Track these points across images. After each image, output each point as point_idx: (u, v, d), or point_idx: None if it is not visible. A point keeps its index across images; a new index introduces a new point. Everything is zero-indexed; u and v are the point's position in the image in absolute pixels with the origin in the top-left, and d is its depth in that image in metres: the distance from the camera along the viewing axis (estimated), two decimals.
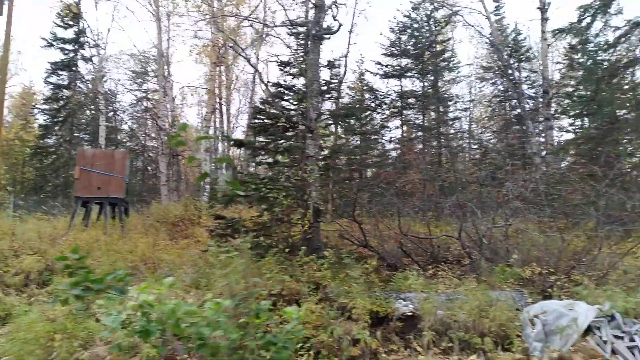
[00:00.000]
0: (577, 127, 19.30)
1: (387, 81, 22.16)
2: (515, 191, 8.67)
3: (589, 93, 15.39)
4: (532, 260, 9.94)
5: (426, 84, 21.34)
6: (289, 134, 9.50)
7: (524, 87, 21.68)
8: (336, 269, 7.48)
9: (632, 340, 6.15)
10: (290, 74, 11.23)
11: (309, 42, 8.63)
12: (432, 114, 22.41)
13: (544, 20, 18.55)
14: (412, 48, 20.94)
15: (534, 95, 21.88)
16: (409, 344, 6.26)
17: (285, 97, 9.21)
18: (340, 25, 8.91)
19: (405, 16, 21.17)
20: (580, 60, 18.61)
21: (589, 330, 6.38)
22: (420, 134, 21.60)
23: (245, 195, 8.76)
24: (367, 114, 22.60)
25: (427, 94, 20.58)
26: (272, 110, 8.85)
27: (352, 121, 23.59)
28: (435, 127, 21.19)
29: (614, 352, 5.97)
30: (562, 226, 11.22)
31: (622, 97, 13.90)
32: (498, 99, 23.93)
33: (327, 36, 9.07)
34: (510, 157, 18.20)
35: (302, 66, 10.29)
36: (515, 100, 20.28)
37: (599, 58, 14.97)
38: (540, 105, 18.93)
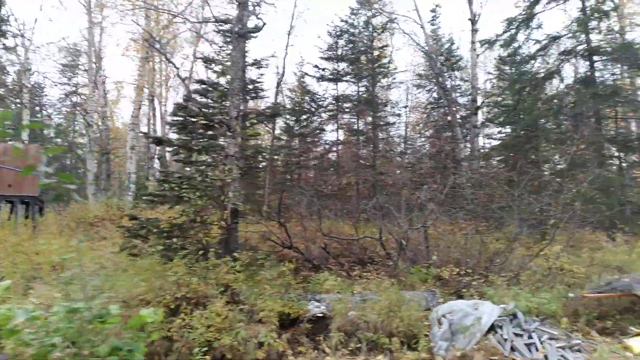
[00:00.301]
0: (504, 135, 20.15)
1: (327, 84, 22.29)
2: (428, 194, 8.88)
3: (512, 102, 16.15)
4: (451, 261, 10.26)
5: (362, 88, 21.62)
6: (212, 132, 9.25)
7: (456, 95, 22.43)
8: (252, 271, 7.34)
9: (530, 337, 6.41)
10: (216, 72, 10.97)
11: (233, 40, 8.46)
12: (369, 118, 22.69)
13: (474, 31, 19.30)
14: (349, 52, 21.15)
15: (465, 103, 22.66)
16: (318, 346, 6.23)
17: (209, 95, 8.97)
18: (264, 24, 8.80)
19: (342, 21, 21.37)
20: (509, 71, 19.54)
21: (492, 329, 6.61)
22: (356, 138, 21.83)
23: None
24: (306, 116, 22.63)
25: (362, 99, 20.84)
26: (194, 108, 8.58)
27: (291, 123, 23.56)
28: (370, 132, 21.49)
29: (513, 349, 6.21)
30: (483, 229, 11.66)
31: (541, 107, 14.67)
32: (432, 106, 24.63)
33: (253, 34, 8.94)
34: (438, 161, 18.82)
35: (227, 64, 10.08)
36: (446, 108, 20.93)
37: (522, 69, 15.75)
38: (468, 113, 19.67)
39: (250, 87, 13.57)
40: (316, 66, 20.94)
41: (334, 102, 21.17)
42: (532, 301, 7.39)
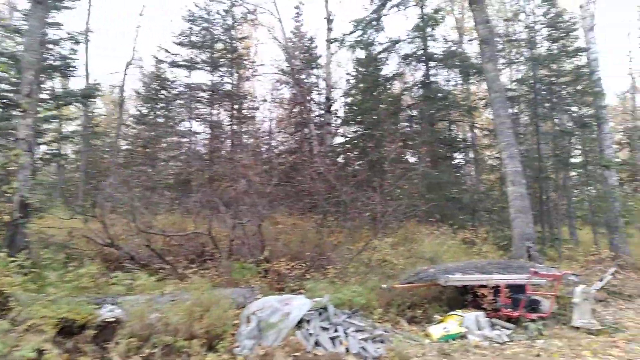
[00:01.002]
0: (357, 133, 20.81)
1: (181, 72, 21.05)
2: (247, 187, 8.66)
3: (358, 101, 16.80)
4: (285, 255, 10.19)
5: (220, 79, 20.85)
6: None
7: (314, 93, 22.70)
8: (38, 273, 6.41)
9: (336, 330, 6.44)
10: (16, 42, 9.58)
11: (30, 6, 7.32)
12: (230, 110, 22.01)
13: (329, 29, 19.75)
14: (204, 40, 20.22)
15: (323, 101, 23.02)
16: (105, 354, 5.57)
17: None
18: None
19: (197, 6, 20.36)
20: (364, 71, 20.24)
21: (301, 324, 6.52)
22: (212, 129, 20.97)
23: None
24: (161, 104, 21.31)
25: (218, 89, 20.09)
26: None
27: (143, 110, 22.11)
28: (228, 124, 20.88)
29: (317, 343, 6.17)
30: (323, 223, 11.82)
31: (382, 108, 15.39)
32: (293, 102, 24.71)
33: (62, 4, 7.84)
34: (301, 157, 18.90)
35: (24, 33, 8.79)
36: (304, 104, 21.06)
37: (368, 70, 16.43)
38: (324, 111, 20.07)
39: (61, 63, 12.00)
40: (167, 50, 19.65)
41: (187, 90, 20.08)
42: (345, 294, 7.52)
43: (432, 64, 15.93)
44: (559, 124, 16.69)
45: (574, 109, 16.65)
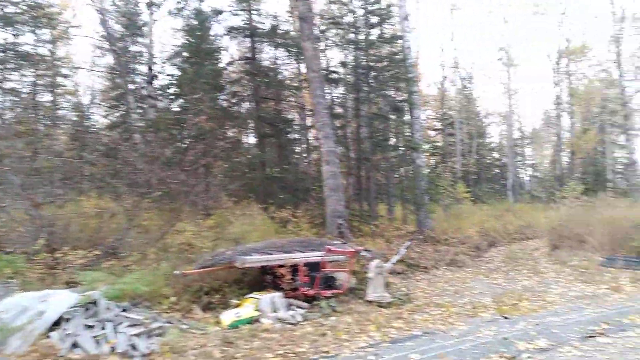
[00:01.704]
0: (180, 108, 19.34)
1: None
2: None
3: (180, 74, 15.66)
4: (82, 242, 8.92)
5: (10, 38, 17.57)
6: None
7: (137, 62, 20.66)
8: None
9: (104, 328, 5.60)
10: None
11: None
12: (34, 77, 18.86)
13: None
14: None
15: (147, 71, 21.10)
16: None
17: None
18: None
19: None
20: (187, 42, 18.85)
21: (62, 323, 5.54)
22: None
23: None
24: None
25: (11, 50, 16.92)
26: None
27: None
28: (30, 93, 17.86)
29: (76, 345, 5.27)
30: (137, 205, 10.65)
31: (201, 81, 14.40)
32: (114, 72, 22.30)
33: None
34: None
35: None
36: (126, 74, 19.02)
37: (188, 40, 15.37)
38: (146, 82, 18.38)
39: None
40: None
41: None
42: (127, 283, 6.68)
43: (258, 39, 15.44)
44: (379, 108, 17.55)
45: (391, 93, 17.64)
